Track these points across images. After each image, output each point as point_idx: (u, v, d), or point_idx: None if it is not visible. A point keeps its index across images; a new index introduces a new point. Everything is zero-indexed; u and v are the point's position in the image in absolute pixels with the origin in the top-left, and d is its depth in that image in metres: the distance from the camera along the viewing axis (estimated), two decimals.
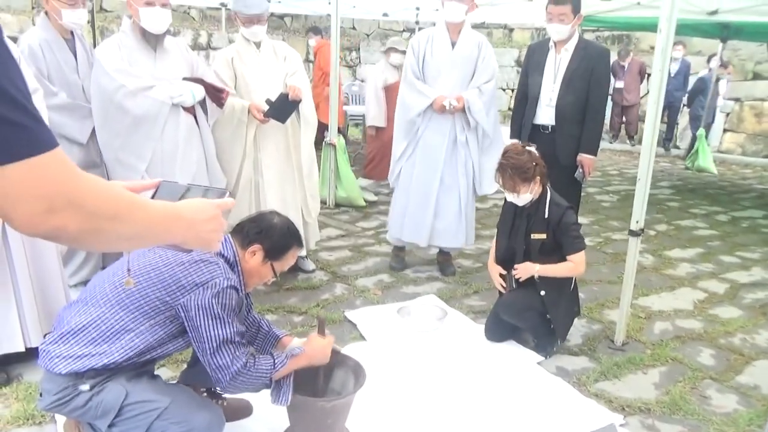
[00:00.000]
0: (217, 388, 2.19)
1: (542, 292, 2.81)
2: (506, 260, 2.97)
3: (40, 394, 1.81)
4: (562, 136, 3.57)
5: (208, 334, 1.77)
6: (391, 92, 5.25)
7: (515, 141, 3.77)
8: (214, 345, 1.77)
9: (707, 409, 2.47)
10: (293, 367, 1.93)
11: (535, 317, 2.84)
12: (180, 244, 0.93)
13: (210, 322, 1.77)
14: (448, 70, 3.62)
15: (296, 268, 3.78)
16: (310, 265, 3.86)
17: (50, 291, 2.58)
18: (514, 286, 2.93)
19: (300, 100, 3.32)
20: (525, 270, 2.81)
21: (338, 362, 2.14)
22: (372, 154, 5.81)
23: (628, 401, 2.50)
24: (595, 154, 3.62)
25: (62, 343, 1.78)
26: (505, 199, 2.93)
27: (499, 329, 2.98)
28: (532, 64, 3.70)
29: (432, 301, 3.44)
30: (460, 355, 2.84)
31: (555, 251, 2.81)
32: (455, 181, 3.73)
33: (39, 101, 2.59)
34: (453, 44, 3.62)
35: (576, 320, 3.20)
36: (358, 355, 2.21)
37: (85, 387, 1.74)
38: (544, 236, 2.80)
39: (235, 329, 1.81)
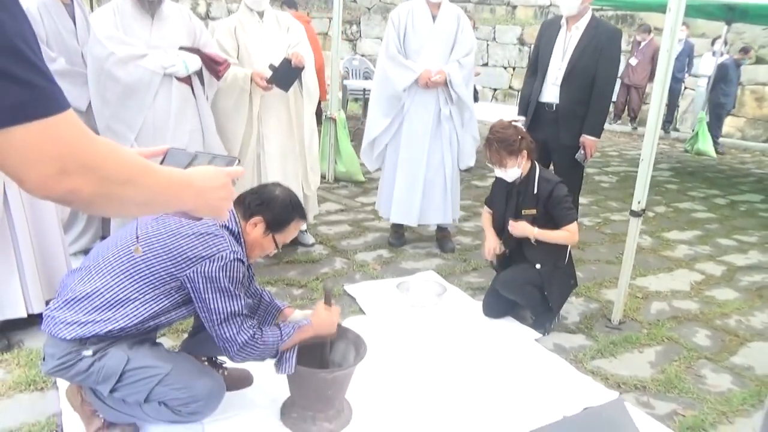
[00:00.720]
0: (218, 358, 2.21)
1: (537, 266, 2.83)
2: (499, 236, 2.99)
3: (43, 359, 1.82)
4: (565, 116, 3.54)
5: (216, 306, 1.77)
6: None
7: (521, 118, 3.78)
8: (222, 317, 1.78)
9: (702, 388, 2.50)
10: (300, 339, 1.95)
11: (533, 293, 2.85)
12: (189, 211, 0.93)
13: (218, 294, 1.77)
14: (429, 44, 3.59)
15: (296, 242, 3.78)
16: (309, 238, 3.87)
17: (51, 258, 2.59)
18: (503, 262, 2.99)
19: (303, 67, 3.29)
20: (522, 229, 2.81)
21: (339, 335, 2.15)
22: None
23: (624, 379, 2.53)
24: (599, 136, 3.59)
25: (67, 310, 1.78)
26: (496, 176, 2.93)
27: (498, 306, 3.00)
28: (543, 41, 3.65)
29: (431, 277, 3.45)
30: (459, 331, 2.87)
31: (545, 226, 2.82)
32: (441, 157, 3.73)
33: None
34: (434, 18, 3.58)
35: (574, 299, 3.23)
36: (358, 328, 2.22)
37: (88, 352, 1.75)
38: (534, 212, 2.82)
39: (242, 302, 1.82)
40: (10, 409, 2.08)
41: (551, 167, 3.73)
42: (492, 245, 2.98)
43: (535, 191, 2.81)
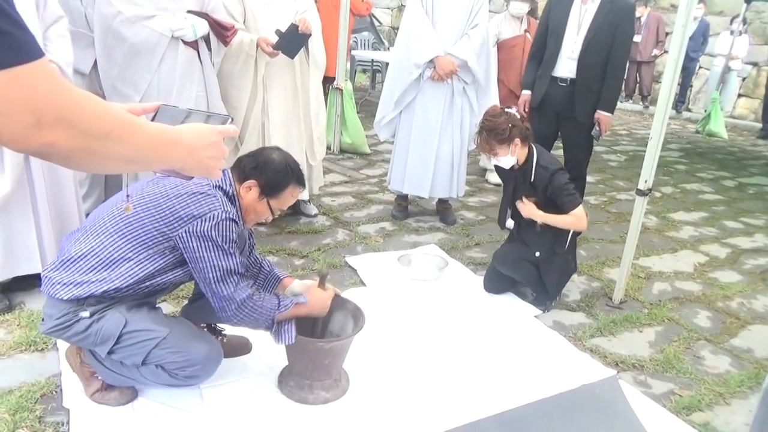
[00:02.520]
0: (217, 325, 2.22)
1: (537, 254, 2.82)
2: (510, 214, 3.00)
3: (42, 319, 1.84)
4: (581, 91, 3.51)
5: (211, 264, 1.77)
6: (504, 50, 4.61)
7: (526, 93, 3.77)
8: (218, 275, 1.78)
9: (700, 369, 2.50)
10: (295, 314, 1.95)
11: (531, 270, 2.84)
12: (179, 170, 0.90)
13: (212, 253, 1.76)
14: (449, 16, 3.56)
15: (298, 212, 3.77)
16: (312, 209, 3.85)
17: (66, 216, 2.63)
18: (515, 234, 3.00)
19: (310, 34, 3.23)
20: (529, 211, 2.79)
21: (338, 305, 2.15)
22: None
23: (622, 357, 2.53)
24: (612, 112, 3.57)
25: (63, 270, 1.79)
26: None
27: (499, 281, 2.99)
28: (553, 16, 3.60)
29: (433, 251, 3.44)
30: (459, 306, 2.87)
31: (547, 209, 2.80)
32: (451, 132, 3.72)
33: (64, 29, 2.55)
34: None
35: (576, 276, 3.22)
36: (358, 300, 2.22)
37: (86, 314, 1.76)
38: (534, 199, 2.81)
39: (237, 259, 1.81)
40: (10, 369, 2.10)
41: (558, 149, 3.72)
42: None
43: (532, 179, 2.77)
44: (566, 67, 3.53)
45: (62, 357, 2.09)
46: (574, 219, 2.75)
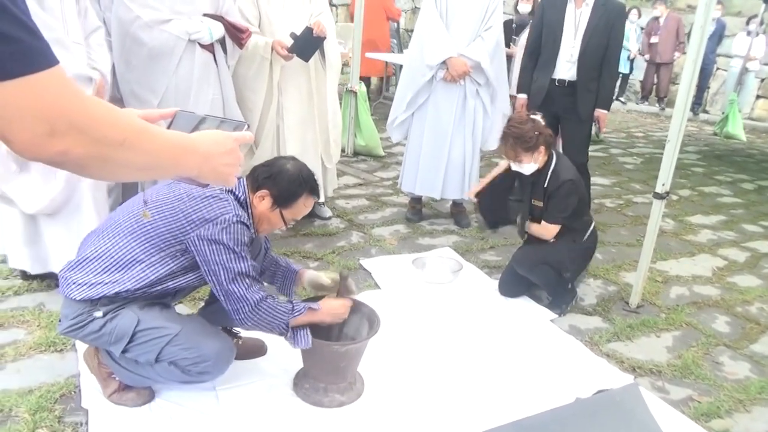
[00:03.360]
0: (233, 328, 2.23)
1: (567, 275, 2.84)
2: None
3: (60, 320, 1.87)
4: (582, 92, 3.63)
5: (223, 266, 1.78)
6: None
7: (522, 96, 3.84)
8: (230, 277, 1.79)
9: (719, 375, 2.47)
10: (308, 321, 1.95)
11: (549, 272, 2.83)
12: (195, 177, 0.90)
13: (223, 255, 1.77)
14: (463, 17, 3.57)
15: (313, 215, 3.78)
16: (327, 212, 3.86)
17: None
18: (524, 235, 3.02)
19: (324, 37, 3.24)
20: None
21: (353, 308, 2.15)
22: None
23: (640, 362, 2.50)
24: (609, 109, 3.79)
25: (78, 271, 1.83)
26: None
27: (514, 285, 2.98)
28: (547, 20, 3.68)
29: (447, 254, 3.43)
30: (473, 309, 2.85)
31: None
32: (464, 132, 3.73)
33: (102, 38, 2.59)
34: None
35: (592, 280, 3.20)
36: (372, 303, 2.21)
37: (99, 314, 1.79)
38: (541, 204, 2.83)
39: (248, 263, 1.82)
40: (30, 369, 2.13)
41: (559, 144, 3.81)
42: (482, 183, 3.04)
43: (545, 185, 2.78)
44: (565, 69, 3.64)
45: (81, 358, 2.11)
46: (543, 230, 2.84)
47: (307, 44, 3.21)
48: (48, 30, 2.28)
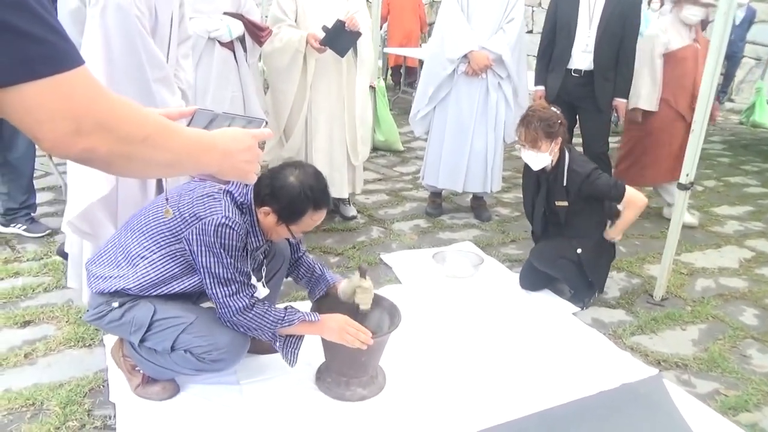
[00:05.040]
0: None
1: (578, 250, 2.77)
2: (529, 220, 3.05)
3: (87, 309, 1.96)
4: (600, 81, 3.64)
5: (208, 269, 1.79)
6: (673, 63, 3.76)
7: (540, 88, 3.85)
8: (213, 281, 1.80)
9: (746, 368, 2.42)
10: (302, 331, 1.95)
11: (569, 267, 2.80)
12: (215, 174, 0.91)
13: (209, 258, 1.78)
14: (485, 10, 3.55)
15: (336, 211, 3.79)
16: (350, 210, 3.81)
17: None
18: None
19: (359, 32, 3.24)
20: (613, 234, 2.85)
21: (374, 303, 2.15)
22: (628, 148, 4.06)
23: (665, 356, 2.47)
24: (627, 98, 3.77)
25: (97, 264, 1.92)
26: (526, 164, 2.85)
27: (535, 278, 2.96)
28: (561, 11, 3.68)
29: (468, 248, 3.42)
30: (495, 303, 2.84)
31: (580, 213, 2.79)
32: (486, 127, 3.72)
33: (188, 48, 2.52)
34: None
35: (615, 273, 3.16)
36: (393, 297, 2.22)
37: (116, 304, 1.87)
38: (566, 203, 2.77)
39: (235, 268, 1.81)
40: (59, 364, 2.19)
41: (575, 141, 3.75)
42: None
43: (564, 183, 2.74)
44: (581, 59, 3.65)
45: (108, 353, 2.16)
46: (634, 206, 2.72)
47: (340, 38, 3.21)
48: (157, 69, 2.20)
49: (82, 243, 2.39)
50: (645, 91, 3.79)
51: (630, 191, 2.70)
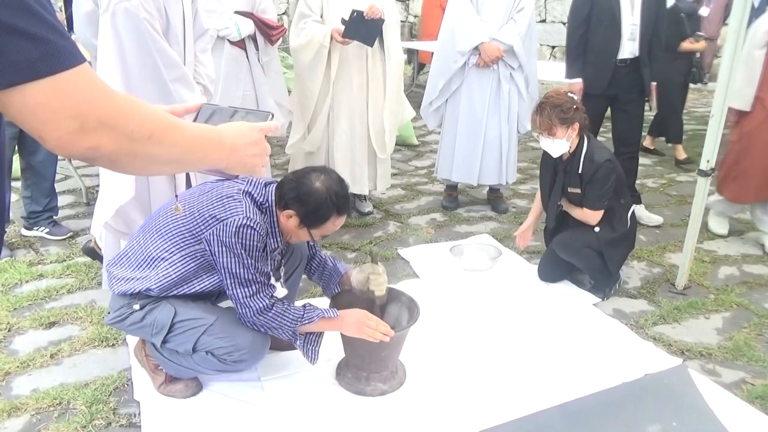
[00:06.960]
0: None
1: (596, 229, 2.76)
2: (546, 209, 3.00)
3: (108, 312, 1.97)
4: (644, 68, 3.55)
5: (229, 270, 1.80)
6: None
7: (577, 81, 3.62)
8: (234, 281, 1.81)
9: None
10: (322, 328, 1.95)
11: (592, 256, 2.77)
12: (223, 169, 0.91)
13: (230, 259, 1.79)
14: (494, 1, 3.53)
15: (352, 207, 3.78)
16: (366, 206, 3.80)
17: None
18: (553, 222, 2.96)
19: (381, 19, 3.22)
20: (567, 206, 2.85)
21: (392, 297, 2.15)
22: (733, 156, 3.47)
23: (688, 345, 2.43)
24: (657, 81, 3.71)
25: (118, 266, 1.93)
26: (544, 152, 2.82)
27: (553, 270, 2.93)
28: (598, 1, 3.52)
29: (485, 241, 3.41)
30: (514, 295, 2.83)
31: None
32: (499, 118, 3.69)
33: (206, 43, 2.54)
34: None
35: (635, 263, 3.13)
36: (411, 292, 2.22)
37: (137, 306, 1.88)
38: (578, 191, 2.75)
39: (256, 269, 1.81)
40: (85, 364, 2.22)
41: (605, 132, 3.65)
42: (522, 230, 3.07)
43: (580, 170, 2.71)
44: (628, 48, 3.52)
45: (131, 352, 2.19)
46: (585, 215, 2.77)
47: (362, 28, 3.19)
48: (173, 69, 2.21)
49: (119, 244, 2.43)
50: (736, 86, 3.05)
51: (597, 215, 2.74)
